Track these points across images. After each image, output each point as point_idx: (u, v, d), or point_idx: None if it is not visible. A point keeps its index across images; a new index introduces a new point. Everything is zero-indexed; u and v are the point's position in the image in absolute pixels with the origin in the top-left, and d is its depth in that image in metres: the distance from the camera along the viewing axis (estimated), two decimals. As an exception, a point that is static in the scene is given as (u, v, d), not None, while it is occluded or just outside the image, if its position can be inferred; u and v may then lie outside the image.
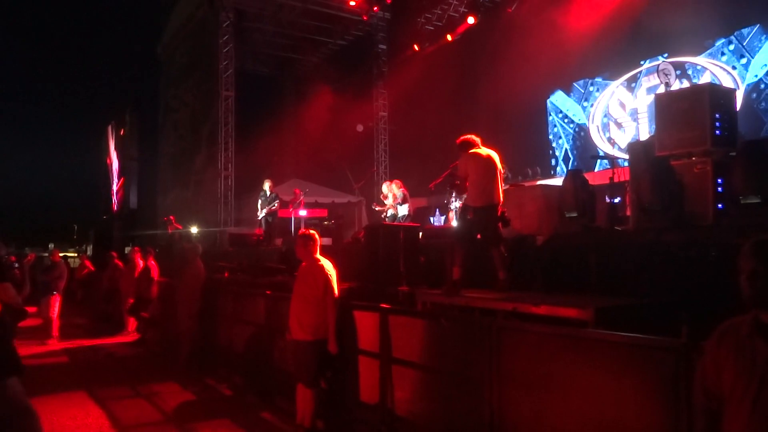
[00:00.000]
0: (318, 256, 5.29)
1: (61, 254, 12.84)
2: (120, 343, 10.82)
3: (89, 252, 28.69)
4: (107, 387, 7.22)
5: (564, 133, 15.57)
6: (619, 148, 13.40)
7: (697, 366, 2.17)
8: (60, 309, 11.07)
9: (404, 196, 11.14)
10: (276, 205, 12.32)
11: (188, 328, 8.25)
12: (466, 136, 5.95)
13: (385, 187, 11.50)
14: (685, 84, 11.84)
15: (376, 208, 11.56)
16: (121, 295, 11.84)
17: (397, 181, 11.51)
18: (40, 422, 1.67)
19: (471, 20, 16.49)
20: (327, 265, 5.21)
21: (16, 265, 8.37)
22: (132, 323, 11.40)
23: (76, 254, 31.14)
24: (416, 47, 18.14)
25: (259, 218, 12.47)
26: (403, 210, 10.95)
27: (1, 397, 1.56)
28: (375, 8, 18.50)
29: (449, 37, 17.19)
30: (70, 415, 5.92)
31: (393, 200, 11.13)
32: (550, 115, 15.93)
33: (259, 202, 12.39)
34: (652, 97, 10.66)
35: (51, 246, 26.92)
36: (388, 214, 11.06)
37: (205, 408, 6.44)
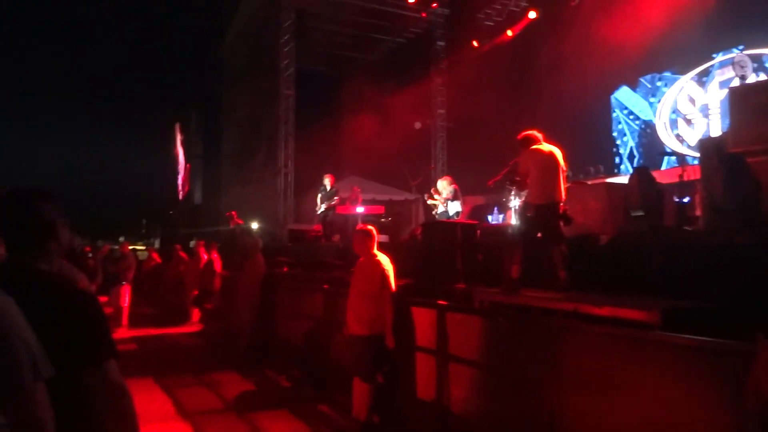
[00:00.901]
0: (375, 251, 5.33)
1: (130, 247, 13.47)
2: (184, 333, 11.25)
3: (156, 245, 29.92)
4: (172, 374, 7.52)
5: (629, 130, 15.04)
6: (688, 146, 12.83)
7: (750, 371, 2.08)
8: (130, 299, 11.61)
9: (455, 192, 10.93)
10: (335, 200, 12.29)
11: (248, 321, 8.48)
12: (527, 132, 5.84)
13: (439, 183, 11.32)
14: (763, 77, 11.21)
15: (428, 201, 11.43)
16: (186, 286, 12.29)
17: (448, 177, 11.30)
18: (133, 404, 1.78)
19: (532, 15, 16.17)
20: (384, 260, 5.24)
21: (90, 255, 8.85)
22: (196, 314, 11.82)
23: (144, 247, 32.53)
24: (475, 43, 17.95)
25: (318, 213, 12.54)
26: (454, 208, 10.74)
27: (104, 378, 1.67)
28: (433, 5, 18.41)
29: (510, 33, 16.92)
30: (138, 399, 6.09)
31: (444, 197, 10.93)
32: (615, 111, 15.43)
33: (319, 196, 12.47)
34: (725, 91, 10.15)
35: (121, 239, 28.23)
36: (439, 211, 10.91)
37: (264, 398, 6.61)
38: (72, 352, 1.57)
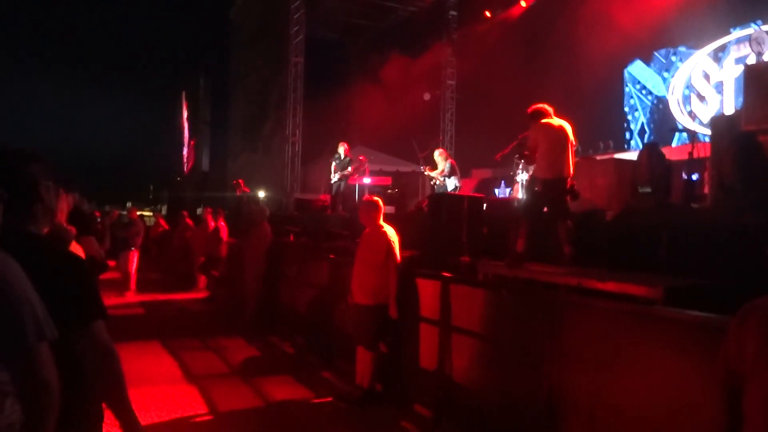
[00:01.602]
0: (381, 222, 5.35)
1: (137, 213, 13.55)
2: (191, 298, 11.39)
3: (164, 211, 30.10)
4: (179, 338, 7.65)
5: (641, 105, 14.86)
6: (701, 123, 12.69)
7: (721, 344, 2.18)
8: (137, 264, 11.74)
9: (452, 167, 10.77)
10: (350, 169, 12.03)
11: (254, 288, 8.58)
12: (538, 105, 5.78)
13: (435, 157, 11.12)
14: (780, 54, 10.99)
15: (426, 172, 11.29)
16: (193, 253, 12.40)
17: (443, 152, 11.09)
18: (120, 364, 1.81)
19: (547, -15, 15.83)
20: (390, 231, 5.27)
21: (99, 219, 8.93)
22: (203, 281, 11.95)
23: (151, 213, 32.74)
24: (488, 14, 17.63)
25: (332, 182, 12.32)
26: (452, 183, 10.62)
27: (89, 338, 1.70)
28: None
29: (523, 3, 16.61)
30: (145, 362, 6.32)
31: (441, 172, 10.79)
32: (627, 85, 15.23)
33: (333, 164, 12.28)
34: (740, 68, 9.98)
35: (129, 204, 28.41)
36: (437, 184, 10.80)
37: (268, 364, 6.73)
38: (58, 313, 1.57)
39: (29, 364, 1.37)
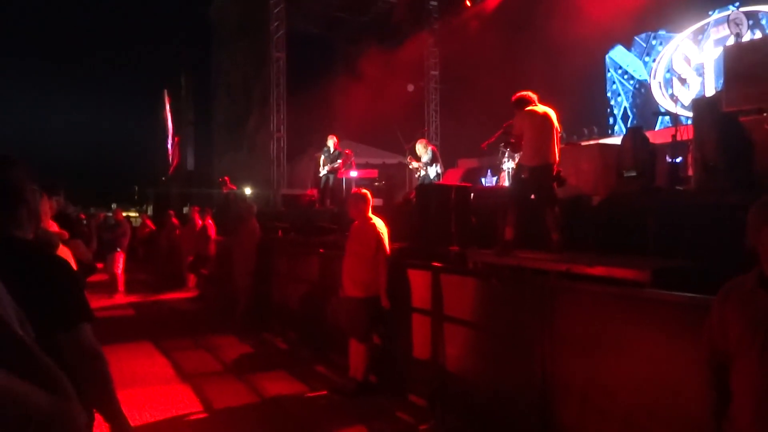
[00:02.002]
0: (370, 215, 5.36)
1: (123, 214, 13.43)
2: (181, 298, 11.34)
3: (149, 212, 29.85)
4: (171, 338, 7.62)
5: (623, 90, 14.96)
6: (683, 106, 12.79)
7: (704, 324, 2.22)
8: (124, 265, 11.65)
9: (433, 155, 10.77)
10: (339, 163, 11.94)
11: (245, 285, 8.56)
12: (521, 93, 5.80)
13: (417, 147, 11.10)
14: (758, 35, 11.11)
15: (410, 165, 11.28)
16: (181, 252, 12.33)
17: (423, 140, 10.99)
18: (108, 366, 1.80)
19: (526, -28, 15.83)
20: (379, 224, 5.28)
21: (85, 222, 8.85)
22: (192, 280, 11.90)
23: (137, 214, 32.47)
24: (468, 3, 17.63)
25: (321, 176, 12.21)
26: (433, 171, 10.63)
27: (74, 342, 1.69)
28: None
29: (503, -9, 16.62)
30: (138, 363, 6.30)
31: (424, 161, 10.76)
32: (609, 71, 15.32)
33: (322, 158, 12.20)
34: (720, 50, 10.08)
35: (114, 206, 28.13)
36: (420, 175, 10.79)
37: (261, 360, 6.72)
38: (46, 317, 1.55)
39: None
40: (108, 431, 1.84)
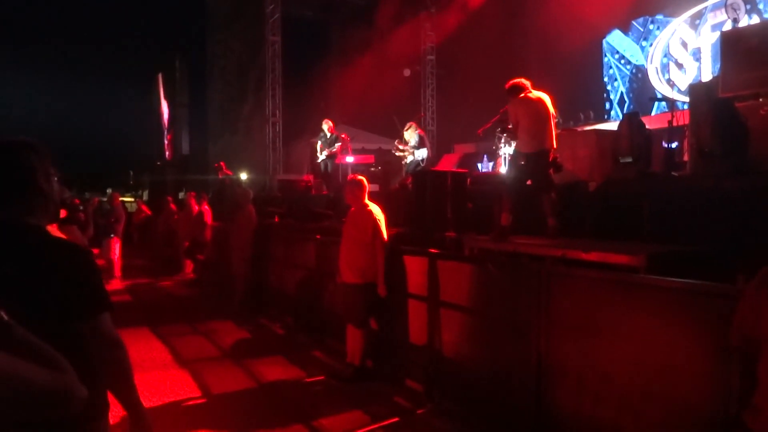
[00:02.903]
0: (367, 201, 5.36)
1: (119, 199, 13.38)
2: (178, 283, 11.35)
3: (145, 197, 29.75)
4: (168, 324, 7.64)
5: (620, 75, 14.91)
6: (679, 91, 12.75)
7: (736, 309, 2.17)
8: (120, 251, 11.63)
9: (421, 138, 10.69)
10: (337, 147, 11.71)
11: (242, 271, 8.57)
12: (514, 81, 5.78)
13: (405, 133, 11.00)
14: (755, 20, 11.07)
15: (397, 153, 11.24)
16: (178, 238, 12.32)
17: (413, 124, 10.82)
18: (128, 355, 1.81)
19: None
20: (375, 210, 5.28)
21: (81, 207, 8.81)
22: (189, 265, 11.90)
23: (132, 199, 32.34)
24: (466, -14, 17.49)
25: (319, 161, 12.09)
26: (420, 154, 10.58)
27: (96, 331, 1.70)
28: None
29: (500, -25, 16.46)
30: (136, 349, 6.31)
31: (411, 146, 10.58)
32: (606, 56, 15.24)
33: (319, 144, 12.09)
34: (717, 34, 10.05)
35: (109, 191, 28.00)
36: (408, 160, 10.73)
37: (259, 345, 6.76)
38: (66, 307, 1.57)
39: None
40: (122, 419, 1.86)
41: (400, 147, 10.74)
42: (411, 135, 10.73)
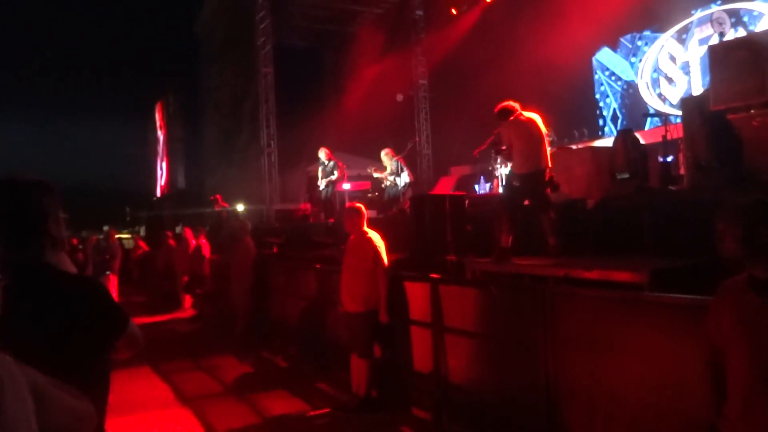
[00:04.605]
0: (366, 228, 5.37)
1: (116, 236, 13.36)
2: (178, 319, 11.27)
3: (142, 233, 29.75)
4: (169, 361, 7.57)
5: (612, 91, 15.08)
6: (671, 104, 12.91)
7: (703, 324, 2.26)
8: (117, 288, 11.56)
9: (398, 165, 10.72)
10: (336, 174, 11.70)
11: (242, 304, 8.52)
12: (503, 104, 5.83)
13: (383, 158, 10.97)
14: (741, 32, 11.24)
15: (375, 174, 11.29)
16: (176, 273, 12.28)
17: (390, 151, 10.93)
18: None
19: (510, -21, 15.98)
20: (375, 237, 5.28)
21: (80, 247, 8.78)
22: (188, 300, 11.84)
23: (129, 235, 32.30)
24: (454, 11, 17.77)
25: (320, 189, 12.04)
26: (402, 180, 10.62)
27: (129, 340, 1.89)
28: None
29: (488, -1, 16.75)
30: (137, 388, 6.25)
31: (391, 171, 10.65)
32: (597, 73, 15.44)
33: (320, 171, 12.15)
34: (704, 48, 10.19)
35: (105, 228, 27.96)
36: (387, 184, 10.75)
37: (262, 379, 6.69)
38: (106, 332, 1.74)
39: None
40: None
41: (376, 174, 10.82)
42: (388, 162, 10.78)
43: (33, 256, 1.69)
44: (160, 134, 33.17)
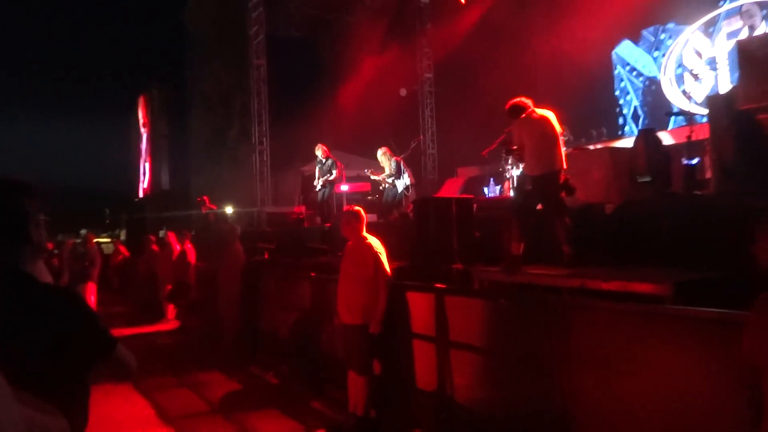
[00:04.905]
0: (365, 234, 5.37)
1: (94, 240, 13.35)
2: (160, 331, 11.26)
3: (123, 237, 29.77)
4: (151, 377, 7.55)
5: (633, 87, 15.11)
6: (696, 103, 12.92)
7: (742, 339, 2.22)
8: (96, 298, 11.55)
9: (398, 166, 10.71)
10: (334, 174, 11.69)
11: (230, 315, 8.53)
12: (514, 101, 5.84)
13: (379, 157, 10.96)
14: (773, 25, 11.27)
15: (372, 177, 11.30)
16: (159, 281, 12.27)
17: (387, 150, 10.93)
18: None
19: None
20: (375, 243, 5.28)
21: (56, 251, 8.79)
22: (171, 310, 11.83)
23: (109, 240, 32.34)
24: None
25: (316, 190, 12.08)
26: (402, 184, 10.61)
27: (116, 363, 1.94)
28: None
29: (499, -14, 16.80)
30: (115, 405, 6.23)
31: (389, 172, 10.64)
32: (617, 68, 15.46)
33: (317, 170, 12.17)
34: (733, 42, 10.22)
35: (83, 232, 27.99)
36: (385, 186, 10.74)
37: (251, 398, 6.68)
38: (86, 352, 1.74)
39: None
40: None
41: (377, 177, 10.81)
42: (385, 162, 10.73)
43: (10, 263, 1.70)
44: (143, 130, 33.24)
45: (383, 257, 5.22)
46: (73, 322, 1.72)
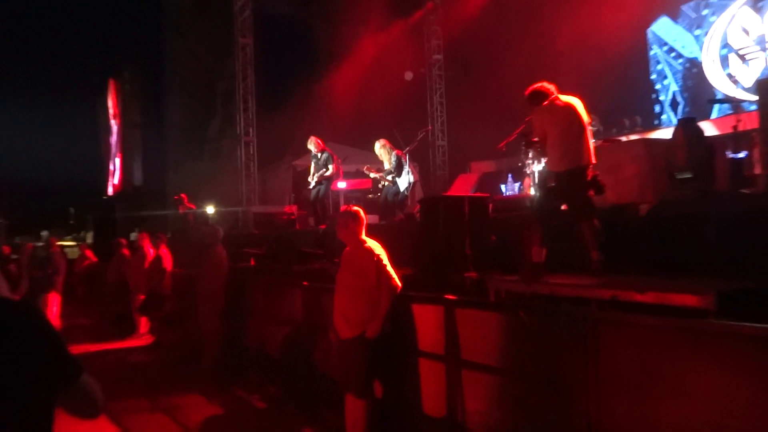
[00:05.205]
0: (364, 237, 5.37)
1: (57, 243, 13.39)
2: (132, 347, 11.28)
3: (89, 240, 29.84)
4: (120, 399, 7.56)
5: (671, 70, 15.10)
6: (744, 88, 12.91)
7: None
8: (59, 309, 11.58)
9: (399, 160, 10.71)
10: (330, 169, 11.73)
11: (212, 329, 8.54)
12: (536, 86, 5.84)
13: (377, 150, 10.93)
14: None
15: (371, 174, 11.31)
16: (130, 290, 12.29)
17: (386, 143, 10.91)
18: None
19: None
20: (376, 248, 5.27)
21: (14, 257, 8.82)
22: (144, 324, 11.84)
23: (74, 243, 32.39)
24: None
25: (310, 187, 12.13)
26: (404, 182, 10.57)
27: (82, 393, 1.93)
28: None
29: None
30: (79, 430, 6.25)
31: (390, 168, 10.68)
32: (653, 48, 15.46)
33: (312, 165, 12.20)
34: (787, 19, 10.21)
35: (44, 234, 28.06)
36: (384, 184, 10.72)
37: (235, 424, 6.70)
38: (47, 380, 1.73)
39: None
40: None
41: (371, 174, 10.79)
42: (384, 156, 10.69)
43: None
44: (113, 122, 33.33)
45: (386, 263, 5.20)
46: (29, 345, 1.70)
